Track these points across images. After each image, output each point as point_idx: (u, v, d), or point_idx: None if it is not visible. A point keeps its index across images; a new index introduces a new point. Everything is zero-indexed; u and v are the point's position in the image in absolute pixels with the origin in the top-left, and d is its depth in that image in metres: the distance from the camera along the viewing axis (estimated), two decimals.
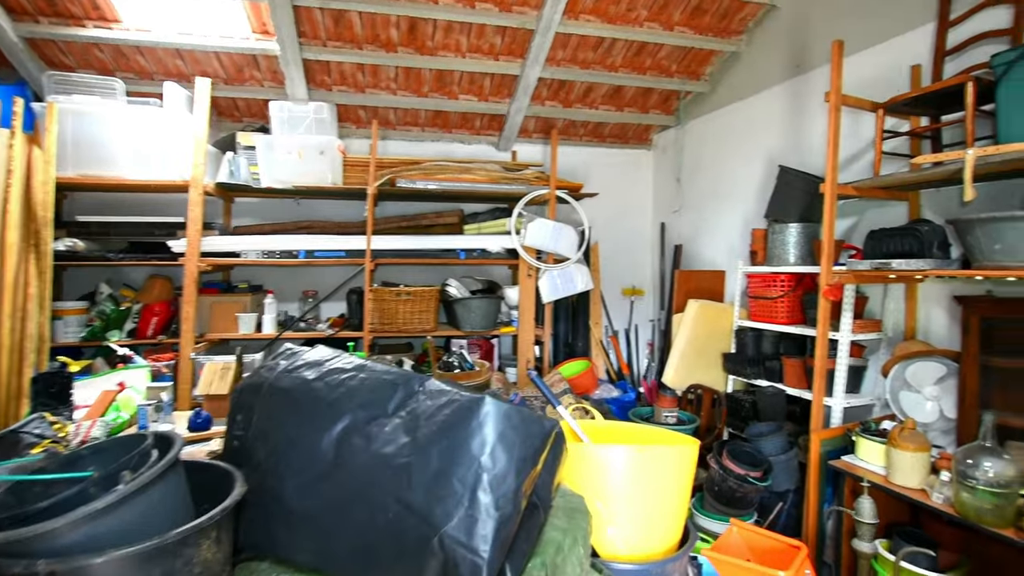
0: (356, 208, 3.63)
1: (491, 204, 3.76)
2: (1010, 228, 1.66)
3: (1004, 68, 1.78)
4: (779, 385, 2.60)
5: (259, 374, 1.27)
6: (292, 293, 3.51)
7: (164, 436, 1.10)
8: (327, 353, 1.26)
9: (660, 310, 3.88)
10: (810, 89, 2.91)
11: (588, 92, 3.74)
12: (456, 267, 3.70)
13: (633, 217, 4.27)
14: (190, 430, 2.06)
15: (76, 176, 2.84)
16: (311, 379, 1.16)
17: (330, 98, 3.39)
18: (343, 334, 3.09)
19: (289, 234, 3.20)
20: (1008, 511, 1.59)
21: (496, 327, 3.31)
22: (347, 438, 1.02)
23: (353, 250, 3.12)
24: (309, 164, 3.11)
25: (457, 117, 3.82)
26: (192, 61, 3.16)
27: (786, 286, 2.65)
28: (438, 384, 1.04)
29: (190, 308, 2.83)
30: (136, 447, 1.08)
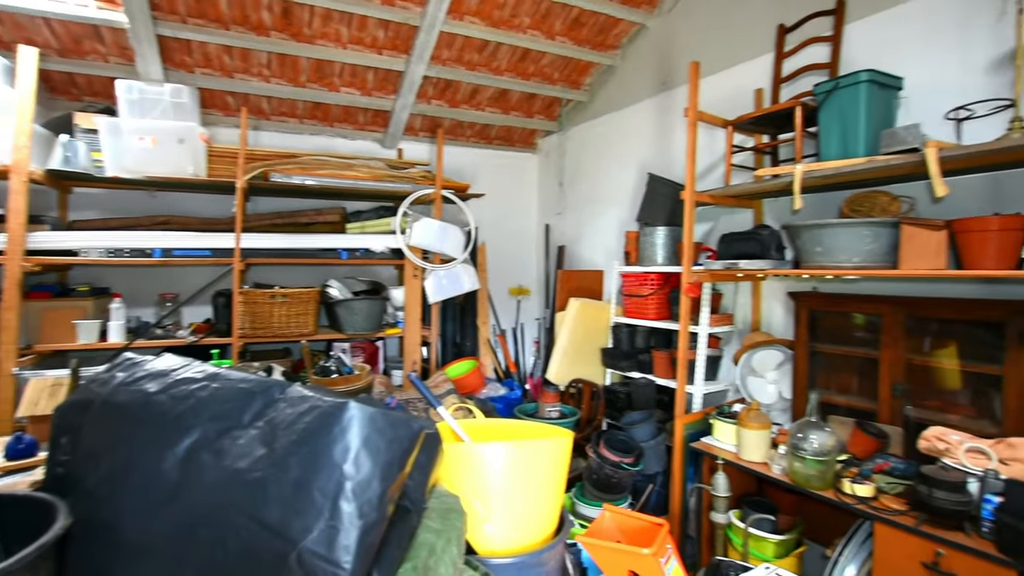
0: (224, 203, 3.33)
1: (375, 203, 3.65)
2: (827, 234, 1.94)
3: (823, 96, 2.07)
4: (650, 376, 2.81)
5: (89, 390, 1.12)
6: (147, 297, 3.13)
7: None
8: (175, 362, 1.14)
9: (545, 309, 4.02)
10: (674, 105, 3.17)
11: (474, 94, 3.76)
12: (338, 268, 3.54)
13: (519, 218, 4.38)
14: (8, 458, 1.76)
15: None
16: (153, 392, 1.05)
17: (192, 81, 3.08)
18: (208, 341, 2.82)
19: (143, 230, 2.86)
20: (828, 475, 1.85)
21: (381, 329, 3.21)
22: (195, 455, 0.93)
23: (220, 249, 2.86)
24: (166, 153, 2.80)
25: (338, 110, 3.65)
26: (14, 26, 2.70)
27: (655, 284, 2.87)
28: (301, 390, 0.98)
29: (11, 315, 2.41)
30: None
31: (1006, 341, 1.76)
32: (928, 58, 2.09)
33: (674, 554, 1.47)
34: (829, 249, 1.95)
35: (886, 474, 1.83)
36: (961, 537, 1.51)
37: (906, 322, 2.00)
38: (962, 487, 1.55)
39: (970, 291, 1.95)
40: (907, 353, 2.00)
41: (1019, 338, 1.72)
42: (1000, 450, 1.58)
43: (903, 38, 2.17)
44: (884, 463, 1.88)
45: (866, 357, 2.13)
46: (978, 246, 1.63)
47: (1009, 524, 1.42)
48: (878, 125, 1.99)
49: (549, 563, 1.37)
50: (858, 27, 2.34)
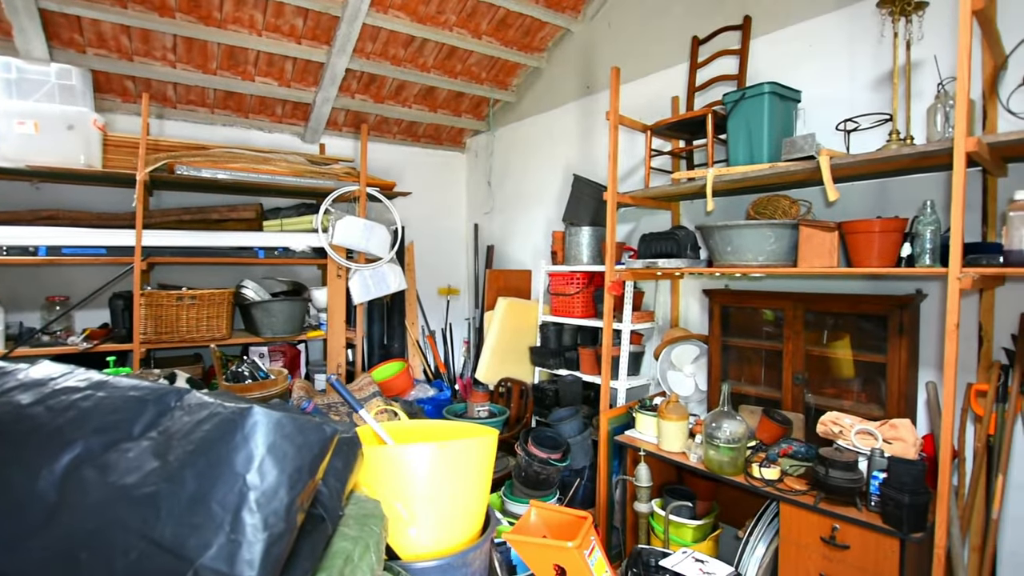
0: (123, 197, 3.05)
1: (295, 200, 3.48)
2: (735, 234, 2.06)
3: (732, 105, 2.20)
4: (577, 373, 2.87)
5: None
6: (31, 300, 2.81)
7: None
8: (55, 370, 1.03)
9: (475, 308, 4.01)
10: (597, 108, 3.26)
11: (401, 90, 3.69)
12: (255, 267, 3.35)
13: (448, 217, 4.34)
14: None
15: None
16: (26, 404, 0.93)
17: (83, 62, 2.80)
18: (105, 347, 2.57)
19: (24, 225, 2.56)
20: (739, 462, 1.97)
21: (303, 331, 3.07)
22: (75, 472, 0.83)
23: (118, 247, 2.62)
24: (52, 140, 2.52)
25: (254, 101, 3.46)
26: None
27: (581, 283, 2.94)
28: (200, 397, 0.91)
29: None
30: None
31: (888, 332, 1.94)
32: (822, 73, 2.27)
33: (598, 545, 1.50)
34: (737, 249, 2.07)
35: (790, 457, 1.97)
36: (853, 511, 1.66)
37: (805, 316, 2.16)
38: (854, 466, 1.70)
39: (859, 287, 2.15)
40: (807, 345, 2.17)
41: (899, 329, 1.91)
42: (884, 431, 1.75)
43: (800, 54, 2.35)
44: (788, 447, 2.02)
45: (772, 349, 2.28)
46: (864, 246, 1.79)
47: (891, 497, 1.57)
48: (779, 133, 2.14)
49: (475, 563, 1.36)
50: (762, 42, 2.51)
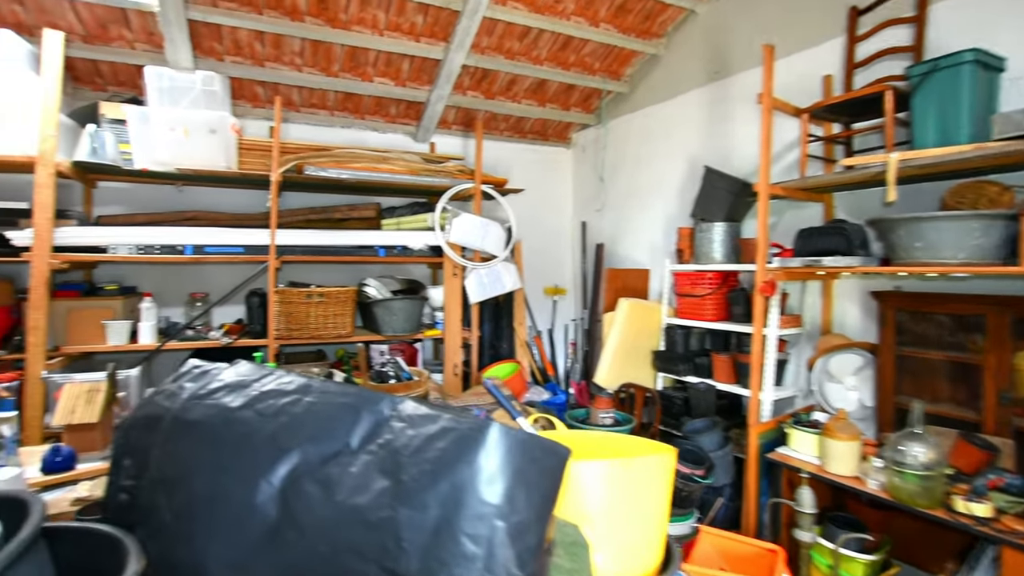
0: (250, 198, 3.20)
1: (408, 199, 3.50)
2: (931, 228, 1.77)
3: (919, 80, 1.90)
4: (709, 381, 2.65)
5: (155, 403, 0.97)
6: (176, 296, 2.99)
7: (12, 500, 0.79)
8: (253, 371, 0.99)
9: (583, 309, 3.86)
10: (729, 94, 3.00)
11: (512, 84, 3.61)
12: (369, 266, 3.39)
13: (553, 215, 4.22)
14: (45, 471, 1.61)
15: None
16: (235, 407, 0.89)
17: (221, 69, 2.93)
18: (243, 343, 2.67)
19: (171, 226, 2.71)
20: (935, 492, 1.68)
21: (420, 330, 3.06)
22: (296, 486, 0.77)
23: (253, 246, 2.71)
24: (197, 144, 2.65)
25: (371, 102, 3.50)
26: (37, 9, 2.56)
27: (713, 283, 2.71)
28: (417, 406, 0.82)
29: (39, 315, 2.27)
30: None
31: None
32: None
33: None
34: (932, 244, 1.78)
35: (1002, 491, 1.66)
36: None
37: (1014, 324, 1.83)
38: None
39: None
40: (1015, 358, 1.83)
41: None
42: None
43: (1001, 13, 2.00)
44: (998, 479, 1.71)
45: (965, 362, 1.96)
46: None
47: None
48: (981, 110, 1.82)
49: None
50: (944, 7, 2.17)
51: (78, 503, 1.45)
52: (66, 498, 1.50)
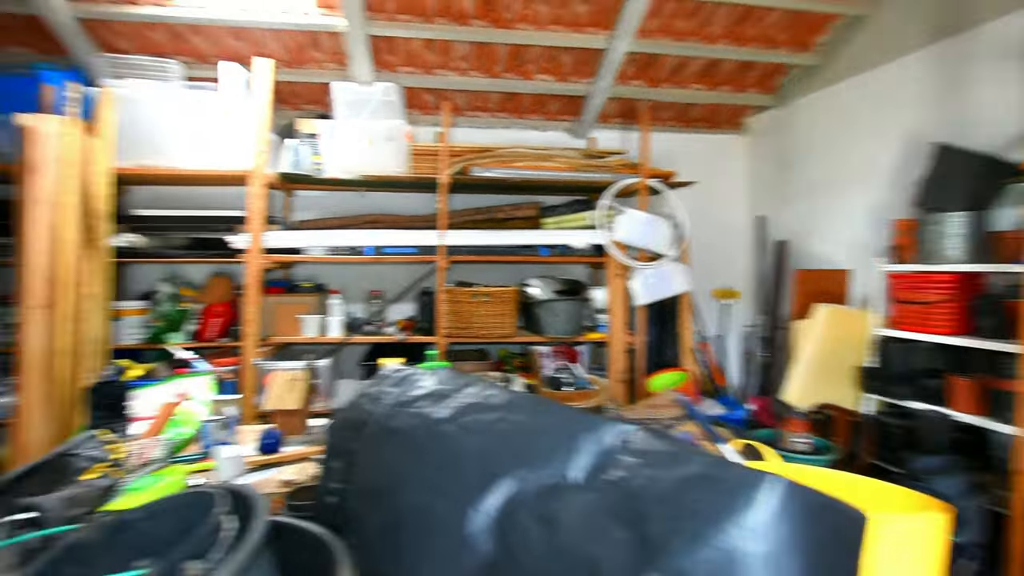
0: (419, 201, 3.35)
1: (567, 196, 3.40)
2: None
3: None
4: (941, 408, 2.14)
5: (359, 407, 0.95)
6: (356, 293, 3.24)
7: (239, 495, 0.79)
8: (453, 380, 0.93)
9: (761, 315, 3.43)
10: (970, 51, 2.42)
11: (679, 69, 3.32)
12: (525, 266, 3.35)
13: (723, 210, 3.82)
14: (261, 451, 1.79)
15: (133, 167, 2.65)
16: (439, 419, 0.83)
17: (395, 80, 3.10)
18: (417, 339, 2.79)
19: (355, 229, 2.93)
20: None
21: (581, 332, 2.94)
22: (513, 519, 0.68)
23: (425, 246, 2.82)
24: (377, 152, 2.83)
25: (531, 100, 3.47)
26: (251, 41, 2.93)
27: (947, 288, 2.19)
28: (651, 439, 0.68)
29: (254, 309, 2.59)
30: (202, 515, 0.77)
31: None
32: None
33: None
34: None
35: None
36: None
37: None
38: None
39: None
40: None
41: None
42: None
43: None
44: None
45: None
46: None
47: None
48: None
49: None
50: None
51: (286, 485, 1.57)
52: (275, 479, 1.64)
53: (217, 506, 0.75)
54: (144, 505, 0.83)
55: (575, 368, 2.21)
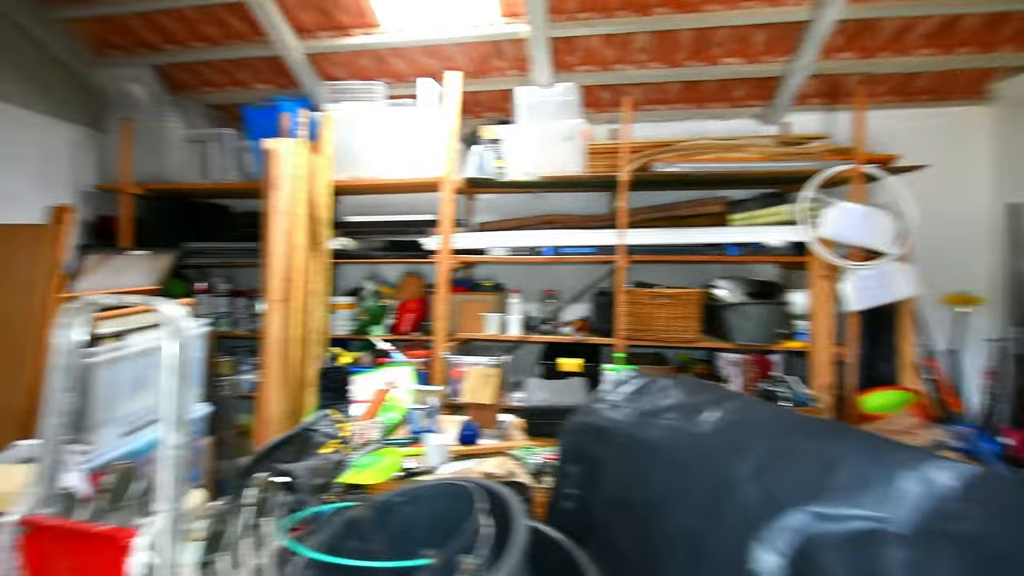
0: (593, 200, 3.31)
1: (756, 189, 3.09)
2: None
3: None
4: None
5: (597, 413, 0.92)
6: (531, 293, 3.31)
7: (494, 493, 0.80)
8: (699, 391, 0.85)
9: (1015, 327, 2.77)
10: None
11: (902, 34, 2.82)
12: (707, 266, 3.11)
13: (959, 199, 3.16)
14: (460, 442, 1.89)
15: (346, 179, 3.00)
16: (697, 434, 0.76)
17: (573, 79, 3.08)
18: (593, 340, 2.76)
19: (532, 229, 2.98)
20: None
21: (775, 340, 2.65)
22: (816, 564, 0.58)
23: (603, 246, 2.77)
24: (555, 152, 2.85)
25: (713, 88, 3.23)
26: (440, 57, 3.14)
27: None
28: (1006, 484, 0.54)
29: (443, 306, 2.77)
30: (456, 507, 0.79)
31: None
32: None
33: None
34: None
35: None
36: None
37: None
38: None
39: None
40: None
41: None
42: None
43: None
44: None
45: None
46: None
47: None
48: None
49: None
50: None
51: (489, 477, 1.63)
52: (476, 470, 1.71)
53: (476, 503, 0.76)
54: (405, 490, 0.89)
55: (792, 381, 1.97)
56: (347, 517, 0.86)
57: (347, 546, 0.82)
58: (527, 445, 1.83)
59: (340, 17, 2.95)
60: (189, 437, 0.96)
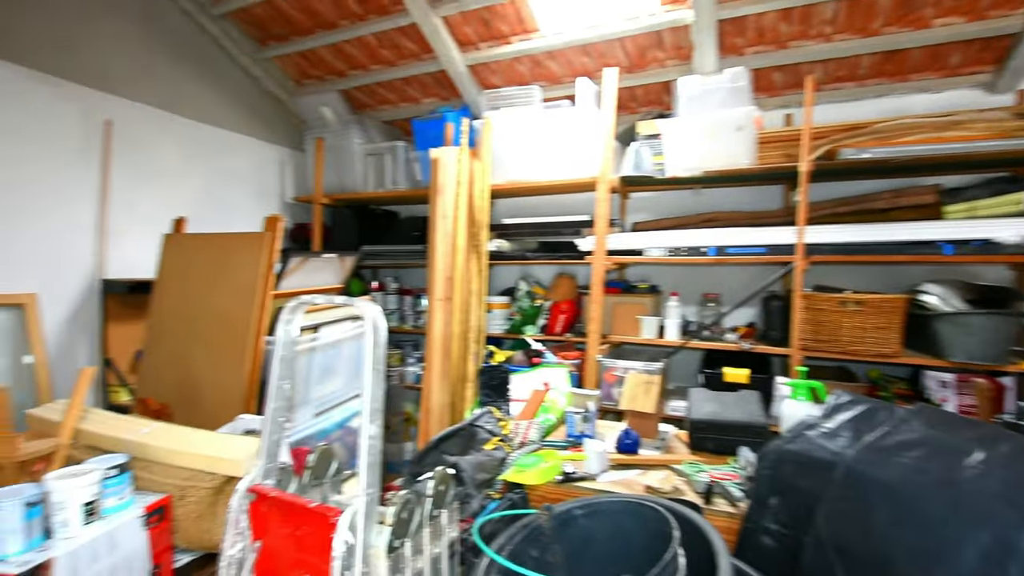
0: (761, 195, 3.00)
1: (980, 174, 2.55)
2: None
3: None
4: None
5: (811, 441, 0.80)
6: (690, 296, 3.11)
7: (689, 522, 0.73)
8: (954, 426, 0.69)
9: None
10: None
11: None
12: (910, 267, 2.63)
13: None
14: (619, 450, 1.83)
15: (502, 183, 3.10)
16: (959, 480, 0.61)
17: (743, 63, 2.83)
18: (760, 348, 2.50)
19: (691, 228, 2.79)
20: None
21: (1008, 359, 2.15)
22: None
23: (777, 245, 2.49)
24: (722, 144, 2.63)
25: (920, 56, 2.73)
26: (597, 55, 3.09)
27: None
28: None
29: (596, 308, 2.72)
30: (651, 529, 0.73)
31: None
32: None
33: None
34: None
35: None
36: None
37: None
38: None
39: None
40: None
41: None
42: None
43: None
44: None
45: None
46: None
47: None
48: None
49: None
50: None
51: (651, 491, 1.55)
52: (638, 481, 1.63)
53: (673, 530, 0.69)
54: (586, 503, 0.86)
55: None
56: (530, 524, 0.85)
57: (528, 554, 0.81)
58: (692, 460, 1.71)
59: (500, 26, 3.05)
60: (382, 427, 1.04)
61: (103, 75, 2.71)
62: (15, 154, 2.36)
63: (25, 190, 2.40)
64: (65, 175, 2.56)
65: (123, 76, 2.80)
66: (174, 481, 1.51)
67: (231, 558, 1.16)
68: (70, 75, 2.57)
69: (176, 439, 1.60)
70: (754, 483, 0.85)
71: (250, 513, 1.18)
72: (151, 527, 1.40)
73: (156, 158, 2.97)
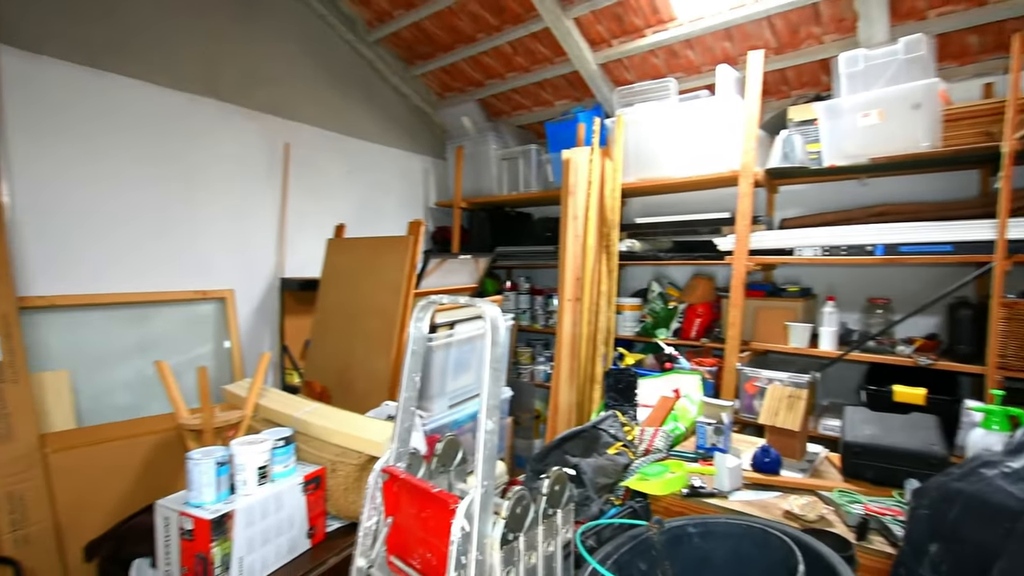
0: (952, 183, 2.54)
1: None
2: None
3: None
4: None
5: (989, 481, 0.66)
6: (849, 301, 2.74)
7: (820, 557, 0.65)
8: None
9: None
10: None
11: None
12: None
13: None
14: (755, 468, 1.68)
15: (635, 181, 3.01)
16: None
17: (922, 29, 2.41)
18: (943, 365, 2.11)
19: (856, 224, 2.45)
20: None
21: None
22: None
23: (968, 242, 2.08)
24: (894, 125, 2.27)
25: None
26: (741, 38, 2.86)
27: None
28: None
29: (737, 312, 2.52)
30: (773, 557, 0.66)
31: None
32: None
33: None
34: None
35: None
36: None
37: None
38: None
39: None
40: None
41: None
42: None
43: None
44: None
45: None
46: None
47: None
48: None
49: None
50: None
51: (790, 518, 1.39)
52: (777, 505, 1.48)
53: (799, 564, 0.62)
54: (697, 520, 0.80)
55: None
56: (639, 535, 0.82)
57: (637, 566, 0.79)
58: (845, 488, 1.50)
59: (634, 20, 2.96)
60: (498, 423, 1.07)
61: (282, 103, 3.16)
62: (217, 175, 2.86)
63: (225, 203, 2.89)
64: (255, 191, 3.03)
65: (297, 102, 3.24)
66: (328, 456, 1.71)
67: (367, 529, 1.29)
68: (256, 105, 3.04)
69: (331, 419, 1.82)
70: (908, 523, 0.72)
71: (384, 491, 1.29)
72: (309, 493, 1.60)
73: (323, 173, 3.40)
